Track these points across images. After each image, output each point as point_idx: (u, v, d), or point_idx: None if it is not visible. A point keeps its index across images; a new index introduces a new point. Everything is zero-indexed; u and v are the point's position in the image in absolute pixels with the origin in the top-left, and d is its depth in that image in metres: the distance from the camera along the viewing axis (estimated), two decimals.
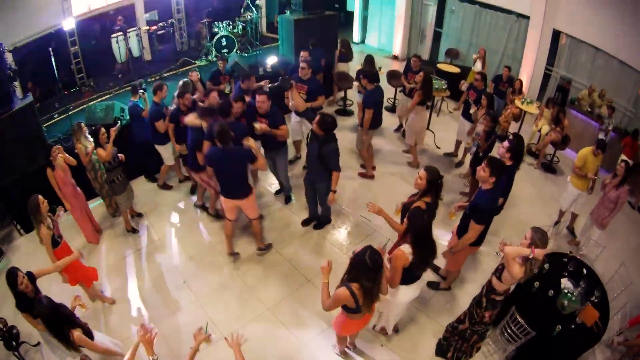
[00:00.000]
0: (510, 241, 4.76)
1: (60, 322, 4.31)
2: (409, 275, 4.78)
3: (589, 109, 9.99)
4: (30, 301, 4.66)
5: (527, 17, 11.29)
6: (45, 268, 5.14)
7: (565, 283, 5.45)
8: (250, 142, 6.00)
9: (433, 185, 5.11)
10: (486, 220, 5.42)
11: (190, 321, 5.88)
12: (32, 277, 4.83)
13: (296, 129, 8.74)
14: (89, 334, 4.56)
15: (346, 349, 5.64)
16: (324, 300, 4.26)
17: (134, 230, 7.74)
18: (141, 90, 8.10)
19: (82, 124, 7.13)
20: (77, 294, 5.08)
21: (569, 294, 5.21)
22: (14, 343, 5.58)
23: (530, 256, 4.20)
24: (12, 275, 4.64)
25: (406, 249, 4.53)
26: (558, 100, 10.38)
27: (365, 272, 4.02)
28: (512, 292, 5.69)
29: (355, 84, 9.32)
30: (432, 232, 4.68)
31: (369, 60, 9.73)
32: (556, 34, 10.95)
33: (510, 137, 6.42)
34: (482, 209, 5.28)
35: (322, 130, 6.19)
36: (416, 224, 4.52)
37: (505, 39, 12.31)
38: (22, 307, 4.70)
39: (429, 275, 6.64)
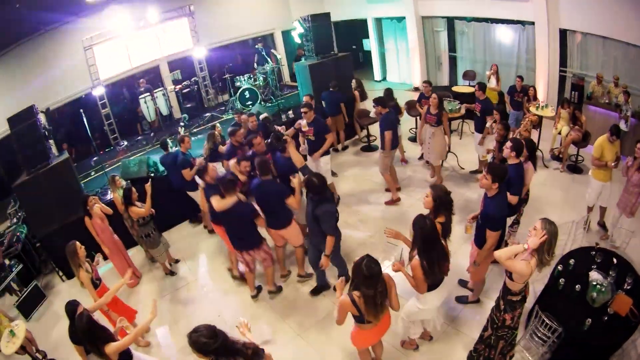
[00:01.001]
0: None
1: (96, 335, 4.53)
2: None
3: (607, 101, 9.77)
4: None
5: (533, 24, 11.29)
6: (96, 303, 5.45)
7: (594, 275, 5.23)
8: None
9: (441, 203, 5.12)
10: (500, 226, 5.37)
11: None
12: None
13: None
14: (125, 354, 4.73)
15: None
16: (339, 319, 4.42)
17: (172, 273, 8.08)
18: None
19: (117, 176, 7.75)
20: (121, 317, 5.37)
21: (597, 286, 5.00)
22: None
23: (525, 249, 4.15)
24: (71, 306, 4.91)
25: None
26: (575, 99, 10.22)
27: (363, 279, 4.17)
28: (539, 296, 5.61)
29: (373, 113, 9.45)
30: (439, 238, 4.73)
31: (388, 93, 9.98)
32: (563, 34, 10.89)
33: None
34: (494, 216, 5.29)
35: (311, 192, 5.85)
36: (419, 229, 4.56)
37: (517, 50, 12.32)
38: (75, 339, 4.94)
39: (457, 291, 6.60)
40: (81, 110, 9.32)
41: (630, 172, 6.49)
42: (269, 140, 7.79)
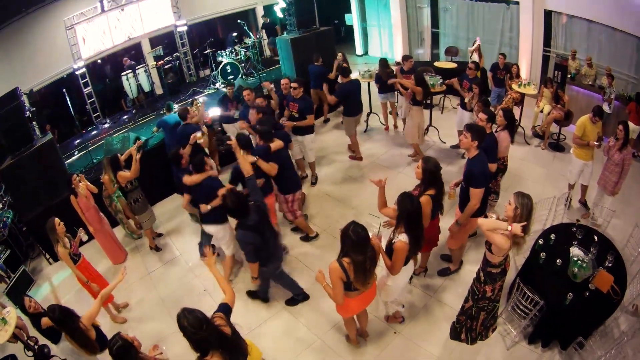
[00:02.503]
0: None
1: (69, 320, 4.62)
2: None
3: (590, 83, 9.88)
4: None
5: (517, 3, 11.29)
6: (92, 310, 5.03)
7: (575, 251, 5.35)
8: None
9: (432, 176, 5.18)
10: (484, 183, 5.44)
11: None
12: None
13: (295, 147, 8.71)
14: (101, 339, 4.84)
15: (359, 339, 5.70)
16: (332, 297, 4.50)
17: (157, 249, 8.06)
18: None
19: (116, 157, 7.46)
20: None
21: (579, 261, 5.12)
22: None
23: (508, 230, 4.17)
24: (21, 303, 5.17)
25: (405, 238, 4.60)
26: (558, 78, 10.31)
27: (351, 245, 4.23)
28: (520, 270, 5.71)
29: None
30: (422, 217, 4.79)
31: (383, 62, 9.98)
32: (548, 15, 10.91)
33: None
34: (476, 174, 5.38)
35: (229, 213, 5.62)
36: (404, 208, 4.60)
37: (500, 29, 12.32)
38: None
39: (440, 265, 6.74)
40: (64, 90, 9.17)
41: (612, 151, 6.61)
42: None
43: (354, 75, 9.84)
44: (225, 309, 3.96)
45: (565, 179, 7.88)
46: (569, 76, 10.34)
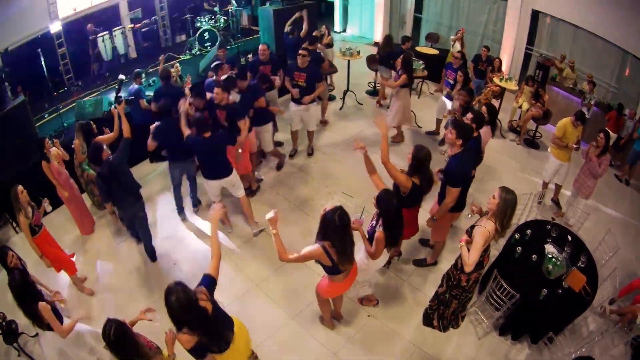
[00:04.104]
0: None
1: (27, 295, 4.57)
2: None
3: (571, 86, 10.05)
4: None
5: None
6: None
7: (549, 248, 5.50)
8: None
9: (419, 164, 5.19)
10: (461, 183, 5.46)
11: None
12: (21, 260, 5.14)
13: (296, 118, 8.58)
14: (57, 317, 4.68)
15: (333, 320, 5.73)
16: (280, 251, 4.27)
17: None
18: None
19: (88, 123, 7.22)
20: (57, 290, 5.23)
21: (553, 259, 5.27)
22: (13, 335, 5.67)
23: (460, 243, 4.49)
24: (2, 253, 4.96)
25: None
26: (539, 78, 10.45)
27: (334, 230, 4.21)
28: (495, 258, 5.81)
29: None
30: (402, 214, 4.79)
31: (389, 39, 10.04)
32: (535, 14, 11.00)
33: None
34: (455, 172, 5.40)
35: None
36: (384, 206, 4.64)
37: (485, 21, 12.38)
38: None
39: (415, 249, 6.83)
40: (39, 50, 8.77)
41: (589, 156, 6.76)
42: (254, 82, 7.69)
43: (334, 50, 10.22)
44: (210, 283, 3.88)
45: (538, 175, 8.07)
46: (550, 76, 10.49)
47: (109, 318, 3.82)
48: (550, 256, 5.31)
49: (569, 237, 5.81)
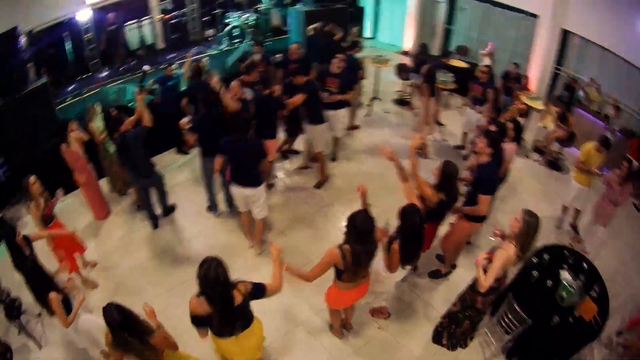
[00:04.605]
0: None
1: (40, 281, 4.60)
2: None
3: (597, 110, 9.94)
4: (26, 258, 4.91)
5: (536, 16, 11.20)
6: (39, 232, 5.53)
7: (565, 275, 5.42)
8: None
9: (447, 180, 5.19)
10: (492, 191, 5.55)
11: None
12: (28, 239, 5.13)
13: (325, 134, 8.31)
14: (67, 306, 4.72)
15: (342, 329, 5.73)
16: (302, 276, 4.44)
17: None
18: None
19: (94, 105, 7.33)
20: (71, 277, 5.39)
21: (568, 286, 5.19)
22: (16, 313, 5.71)
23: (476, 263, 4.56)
24: (9, 231, 5.05)
25: None
26: (566, 98, 10.35)
27: (354, 233, 4.19)
28: (511, 281, 5.77)
29: None
30: (422, 233, 4.76)
31: (423, 48, 9.97)
32: (565, 34, 10.87)
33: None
34: (486, 180, 5.46)
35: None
36: (407, 221, 4.59)
37: (514, 38, 12.26)
38: (18, 264, 4.99)
39: (431, 264, 6.76)
40: (64, 35, 8.89)
41: (612, 183, 6.68)
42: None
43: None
44: (259, 290, 3.97)
45: (558, 198, 7.97)
46: (576, 98, 10.39)
47: (107, 303, 3.84)
48: (564, 283, 5.25)
49: (585, 265, 5.73)
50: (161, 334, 3.92)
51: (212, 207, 7.75)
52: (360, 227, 4.17)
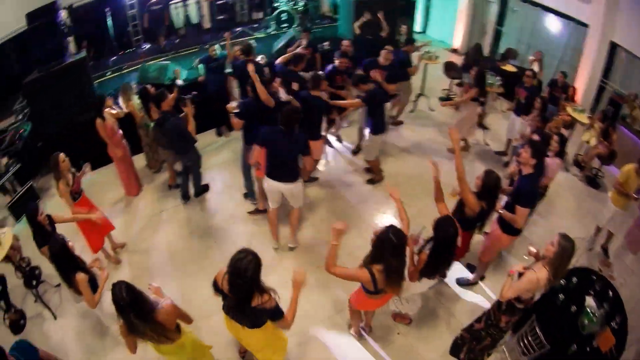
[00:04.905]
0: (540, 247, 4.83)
1: (67, 262, 4.68)
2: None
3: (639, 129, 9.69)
4: (48, 236, 5.05)
5: (587, 26, 10.86)
6: (63, 215, 5.60)
7: (590, 301, 5.36)
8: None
9: (489, 190, 5.16)
10: (531, 204, 5.49)
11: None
12: (51, 218, 5.30)
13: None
14: (93, 285, 4.85)
15: (362, 331, 5.80)
16: (330, 264, 4.23)
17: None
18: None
19: (131, 84, 7.60)
20: (97, 257, 5.58)
21: (590, 314, 5.14)
22: (34, 282, 5.91)
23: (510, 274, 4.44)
24: (32, 209, 5.14)
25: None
26: (610, 114, 10.10)
27: (391, 249, 4.09)
28: (536, 302, 5.75)
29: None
30: (455, 245, 4.74)
31: (477, 48, 10.08)
32: (614, 47, 10.51)
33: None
34: (527, 193, 5.35)
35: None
36: (440, 234, 4.59)
37: (563, 45, 11.93)
38: (38, 241, 5.17)
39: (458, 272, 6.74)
40: (107, 10, 9.02)
41: None
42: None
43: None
44: (277, 313, 4.00)
45: (593, 217, 7.80)
46: (620, 115, 10.12)
47: (117, 281, 3.74)
48: (588, 310, 5.19)
49: (610, 293, 5.64)
50: (167, 308, 3.86)
51: (250, 194, 7.79)
52: (397, 241, 4.08)
